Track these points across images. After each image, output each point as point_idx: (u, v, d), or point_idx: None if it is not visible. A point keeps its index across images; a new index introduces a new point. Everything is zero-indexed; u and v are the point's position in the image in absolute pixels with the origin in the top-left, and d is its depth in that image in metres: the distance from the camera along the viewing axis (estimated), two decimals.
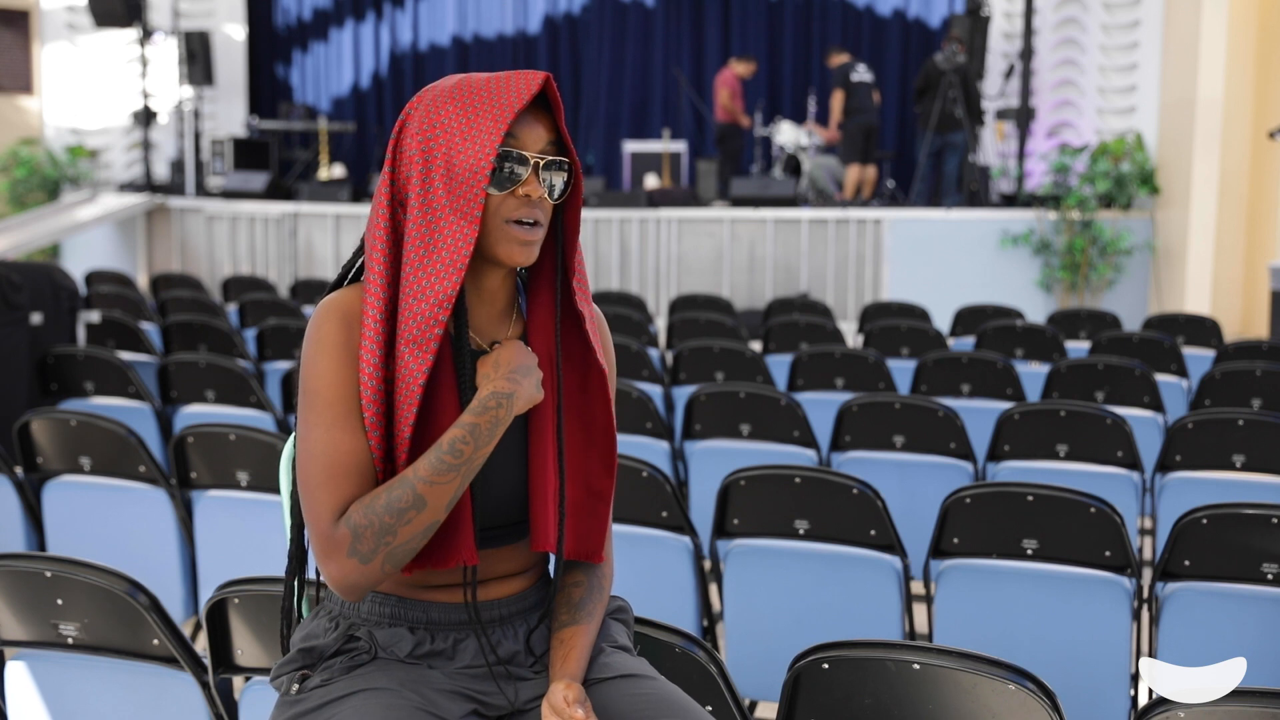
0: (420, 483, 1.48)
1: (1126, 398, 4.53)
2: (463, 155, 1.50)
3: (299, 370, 1.57)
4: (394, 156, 1.56)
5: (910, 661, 1.66)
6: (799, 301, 7.75)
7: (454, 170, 1.50)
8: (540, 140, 1.55)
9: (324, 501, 1.50)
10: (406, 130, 1.55)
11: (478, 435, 1.50)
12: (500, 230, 1.54)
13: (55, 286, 5.48)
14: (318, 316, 1.55)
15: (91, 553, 2.12)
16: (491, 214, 1.53)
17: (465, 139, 1.50)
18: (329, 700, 1.54)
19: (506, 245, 1.54)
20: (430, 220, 1.50)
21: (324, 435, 1.52)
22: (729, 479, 2.88)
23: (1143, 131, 9.84)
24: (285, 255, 10.51)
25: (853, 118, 10.72)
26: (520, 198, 1.53)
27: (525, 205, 1.53)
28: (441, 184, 1.50)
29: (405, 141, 1.55)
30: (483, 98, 1.52)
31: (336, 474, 1.51)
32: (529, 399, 1.56)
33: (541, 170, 1.54)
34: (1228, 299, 9.38)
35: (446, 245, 1.50)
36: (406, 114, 1.56)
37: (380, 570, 1.50)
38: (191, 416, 4.45)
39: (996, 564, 2.73)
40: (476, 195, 1.49)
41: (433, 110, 1.53)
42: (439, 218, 1.50)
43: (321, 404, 1.52)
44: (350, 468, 1.51)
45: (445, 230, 1.50)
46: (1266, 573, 2.53)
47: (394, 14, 13.59)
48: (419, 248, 1.51)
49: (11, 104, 12.48)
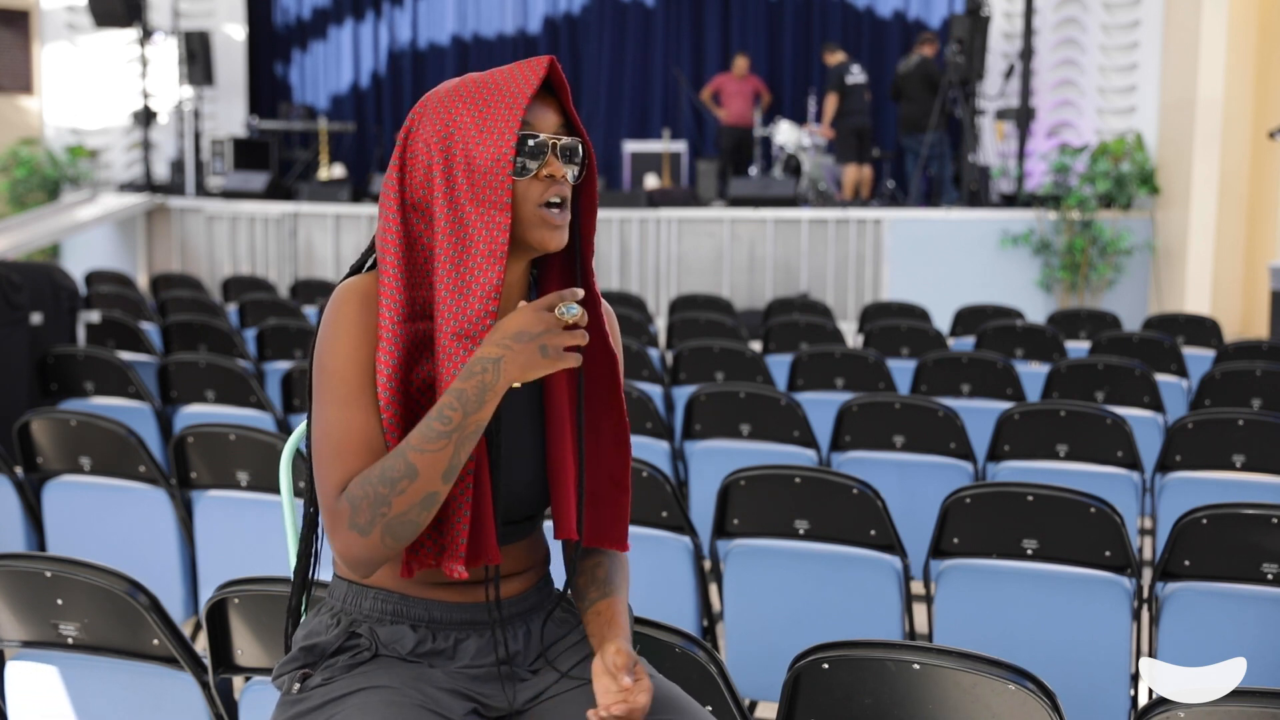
0: (412, 451, 1.48)
1: (1126, 398, 4.53)
2: (482, 149, 1.51)
3: (314, 353, 1.57)
4: (402, 162, 1.56)
5: (910, 661, 1.66)
6: (799, 301, 7.75)
7: (475, 165, 1.51)
8: (553, 123, 1.57)
9: (330, 478, 1.52)
10: (416, 135, 1.55)
11: (465, 401, 1.47)
12: (532, 216, 1.54)
13: (55, 286, 5.48)
14: (337, 298, 1.56)
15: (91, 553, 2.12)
16: (520, 202, 1.54)
17: (483, 133, 1.51)
18: (330, 699, 1.54)
19: (539, 230, 1.55)
20: (460, 218, 1.51)
21: (337, 413, 1.52)
22: (729, 479, 2.88)
23: (1143, 131, 9.84)
24: (285, 255, 10.51)
25: (845, 119, 10.73)
26: (545, 180, 1.55)
27: (552, 185, 1.55)
28: (464, 181, 1.51)
29: (415, 146, 1.55)
30: (491, 91, 1.53)
31: (345, 451, 1.52)
32: (524, 366, 1.47)
33: (559, 151, 1.56)
34: (1228, 299, 9.38)
35: (481, 238, 1.50)
36: (412, 120, 1.56)
37: (381, 544, 1.49)
38: (191, 416, 4.45)
39: (996, 564, 2.73)
40: (504, 184, 1.50)
41: (443, 112, 1.54)
42: (467, 215, 1.51)
43: (337, 381, 1.53)
44: (360, 445, 1.52)
45: (476, 225, 1.50)
46: (1266, 573, 2.54)
47: (393, 13, 13.57)
48: (452, 247, 1.51)
49: (11, 104, 12.48)
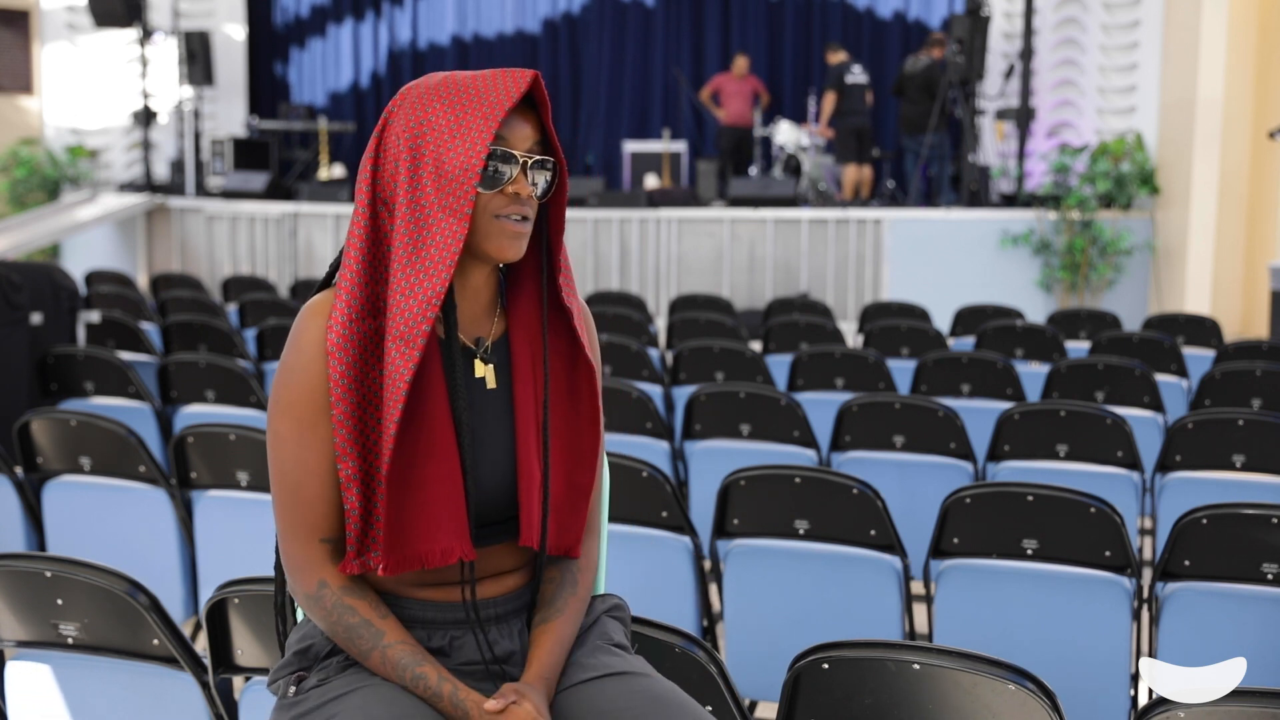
0: (377, 654, 1.54)
1: (1126, 398, 4.53)
2: (452, 154, 1.50)
3: (274, 382, 1.58)
4: (377, 155, 1.56)
5: (910, 661, 1.66)
6: (799, 301, 7.75)
7: (443, 168, 1.50)
8: (527, 139, 1.56)
9: (287, 520, 1.56)
10: (390, 129, 1.55)
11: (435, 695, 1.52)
12: (490, 225, 1.55)
13: (55, 286, 5.48)
14: (298, 322, 1.57)
15: (91, 553, 2.12)
16: (480, 211, 1.54)
17: (455, 137, 1.51)
18: (328, 700, 1.54)
19: (497, 240, 1.55)
20: (419, 218, 1.51)
21: (292, 451, 1.54)
22: (729, 479, 2.88)
23: (1143, 131, 9.83)
24: (285, 255, 10.51)
25: (845, 119, 10.73)
26: (509, 195, 1.55)
27: (513, 203, 1.55)
28: (431, 182, 1.51)
29: (389, 140, 1.55)
30: (470, 97, 1.52)
31: (302, 492, 1.55)
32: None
33: (529, 169, 1.55)
34: (1228, 299, 9.38)
35: (435, 243, 1.50)
36: (389, 112, 1.56)
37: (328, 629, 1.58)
38: (191, 416, 4.44)
39: (996, 564, 2.73)
40: (467, 194, 1.50)
41: (419, 108, 1.53)
42: (428, 216, 1.51)
43: (294, 414, 1.54)
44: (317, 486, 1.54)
45: (434, 228, 1.50)
46: (1266, 573, 2.53)
47: (393, 13, 13.57)
48: (406, 245, 1.51)
49: (11, 104, 12.48)
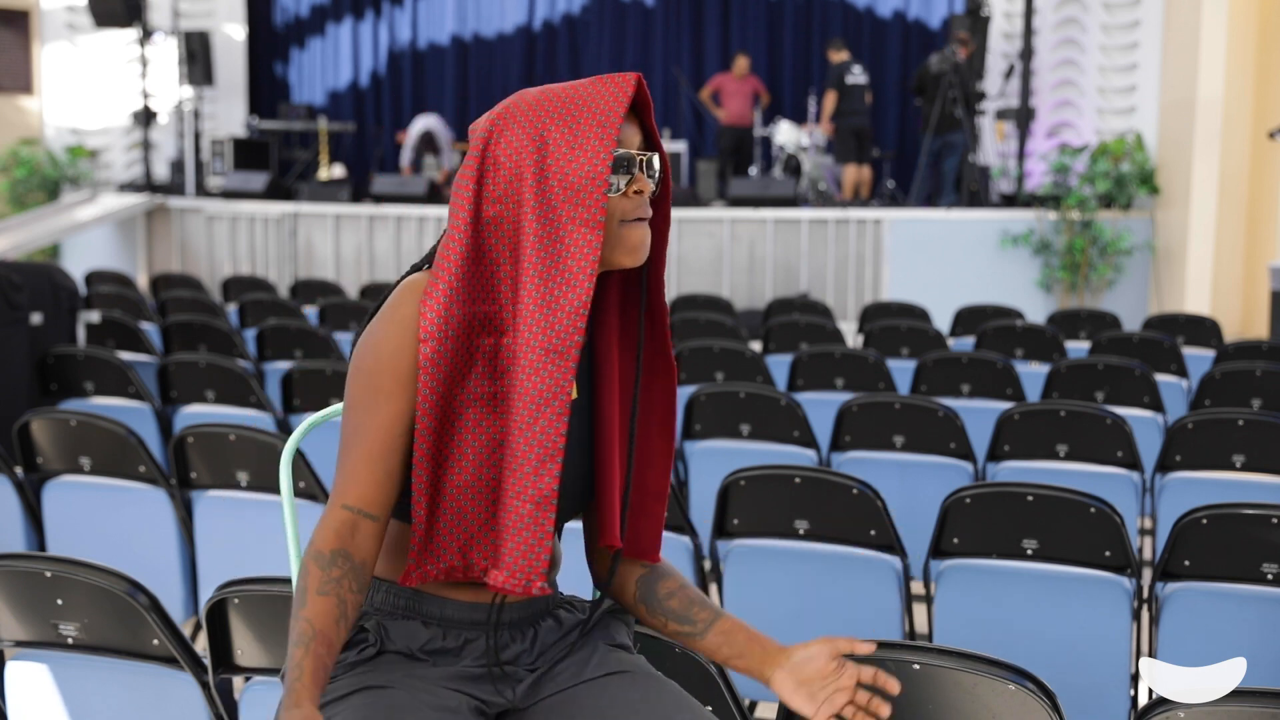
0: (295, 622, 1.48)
1: (1126, 398, 4.53)
2: (576, 166, 1.52)
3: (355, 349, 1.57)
4: (479, 173, 1.55)
5: (910, 661, 1.66)
6: (799, 301, 7.75)
7: (569, 181, 1.52)
8: (637, 138, 1.59)
9: (341, 484, 1.53)
10: (498, 146, 1.55)
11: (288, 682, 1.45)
12: (616, 235, 1.57)
13: (55, 286, 5.47)
14: (395, 297, 1.57)
15: (91, 553, 2.12)
16: (609, 219, 1.56)
17: (575, 149, 1.52)
18: (333, 699, 1.54)
19: (625, 249, 1.57)
20: (552, 233, 1.52)
21: (352, 416, 1.54)
22: (729, 479, 2.88)
23: (1143, 131, 9.84)
24: (285, 255, 10.51)
25: (845, 119, 10.73)
26: (634, 196, 1.57)
27: (638, 204, 1.57)
28: (560, 196, 1.52)
29: (498, 157, 1.54)
30: (581, 108, 1.54)
31: (349, 458, 1.53)
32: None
33: (645, 165, 1.58)
34: (1228, 299, 9.38)
35: (573, 254, 1.52)
36: (492, 130, 1.55)
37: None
38: (191, 416, 4.45)
39: (996, 564, 2.73)
40: (598, 202, 1.52)
41: (530, 125, 1.54)
42: (562, 228, 1.52)
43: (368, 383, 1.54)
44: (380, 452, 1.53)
45: (570, 240, 1.52)
46: (1266, 573, 2.54)
47: (393, 13, 13.57)
48: (541, 261, 1.52)
49: (11, 104, 12.48)
